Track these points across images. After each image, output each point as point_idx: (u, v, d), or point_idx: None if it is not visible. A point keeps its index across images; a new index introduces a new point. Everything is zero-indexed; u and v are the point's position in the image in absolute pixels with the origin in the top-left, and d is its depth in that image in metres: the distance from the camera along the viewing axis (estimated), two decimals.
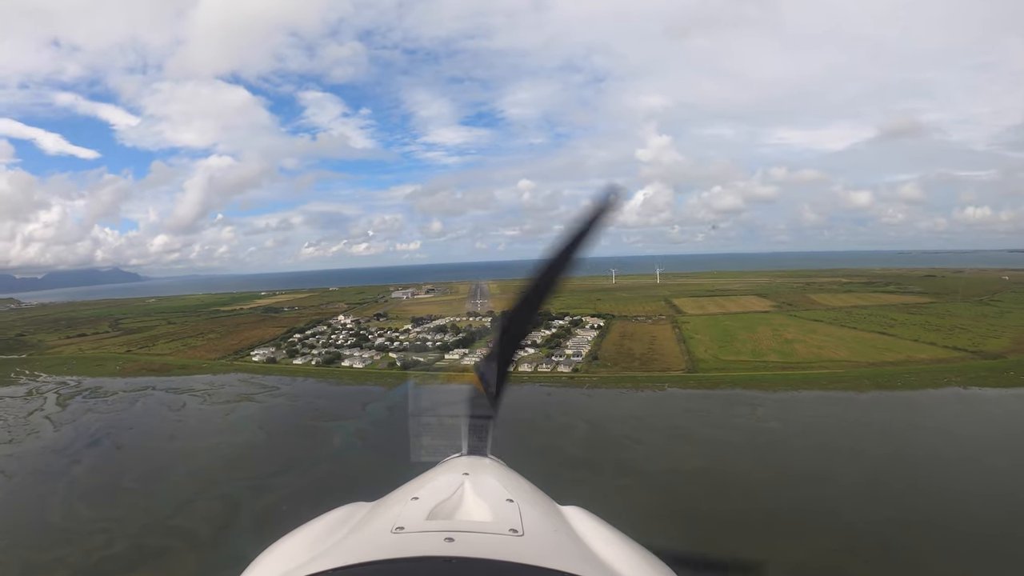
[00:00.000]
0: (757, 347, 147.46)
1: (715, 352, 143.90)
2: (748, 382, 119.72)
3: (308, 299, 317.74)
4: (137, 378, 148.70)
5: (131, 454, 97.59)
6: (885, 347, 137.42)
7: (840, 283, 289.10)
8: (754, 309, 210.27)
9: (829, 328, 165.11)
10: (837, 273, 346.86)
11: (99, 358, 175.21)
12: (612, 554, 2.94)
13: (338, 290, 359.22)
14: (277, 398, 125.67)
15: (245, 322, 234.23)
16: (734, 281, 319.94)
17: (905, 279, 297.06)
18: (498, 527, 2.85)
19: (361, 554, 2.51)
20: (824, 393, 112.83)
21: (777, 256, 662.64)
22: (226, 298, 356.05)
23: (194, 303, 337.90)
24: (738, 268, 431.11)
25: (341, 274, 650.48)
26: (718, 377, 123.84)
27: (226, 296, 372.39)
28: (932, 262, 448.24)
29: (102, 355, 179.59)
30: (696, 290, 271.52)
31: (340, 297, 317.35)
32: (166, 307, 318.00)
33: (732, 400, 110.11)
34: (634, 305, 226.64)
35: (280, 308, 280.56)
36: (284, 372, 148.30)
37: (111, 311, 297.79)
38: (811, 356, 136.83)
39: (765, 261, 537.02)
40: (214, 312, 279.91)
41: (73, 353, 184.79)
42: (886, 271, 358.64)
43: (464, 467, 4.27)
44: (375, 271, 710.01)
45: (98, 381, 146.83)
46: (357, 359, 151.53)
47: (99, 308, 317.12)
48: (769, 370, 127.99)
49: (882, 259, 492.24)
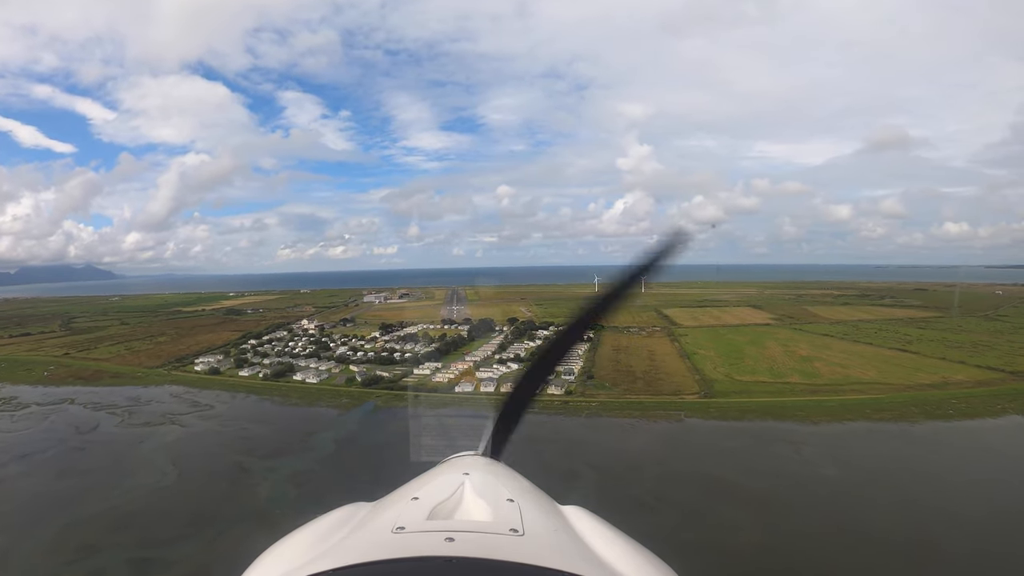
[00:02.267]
0: (773, 365, 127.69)
1: (727, 370, 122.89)
2: (779, 411, 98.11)
3: (276, 301, 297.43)
4: (61, 387, 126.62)
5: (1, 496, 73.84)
6: (913, 366, 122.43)
7: (832, 295, 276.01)
8: (753, 321, 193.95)
9: (843, 344, 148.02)
10: (824, 285, 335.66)
11: (30, 362, 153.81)
12: (613, 554, 2.85)
13: (309, 292, 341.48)
14: (207, 421, 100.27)
15: (202, 324, 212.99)
16: (721, 292, 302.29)
17: (897, 292, 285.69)
18: (498, 527, 2.81)
19: (361, 554, 2.50)
20: (871, 425, 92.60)
21: (757, 268, 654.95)
22: (192, 298, 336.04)
23: (158, 302, 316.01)
24: (721, 279, 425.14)
25: (317, 277, 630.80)
26: (742, 404, 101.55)
27: (192, 296, 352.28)
28: (912, 276, 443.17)
29: (35, 358, 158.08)
30: (685, 300, 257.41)
31: (310, 300, 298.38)
32: (128, 306, 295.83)
33: (767, 435, 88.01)
34: (623, 315, 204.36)
35: (244, 310, 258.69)
36: (225, 386, 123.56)
37: (70, 308, 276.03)
38: (837, 377, 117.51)
39: (745, 273, 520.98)
40: (175, 313, 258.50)
41: (6, 355, 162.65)
42: (873, 284, 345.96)
43: (464, 467, 3.98)
44: (351, 275, 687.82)
45: (16, 390, 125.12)
46: (312, 372, 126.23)
47: (60, 305, 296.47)
48: (796, 394, 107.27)
49: (862, 272, 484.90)
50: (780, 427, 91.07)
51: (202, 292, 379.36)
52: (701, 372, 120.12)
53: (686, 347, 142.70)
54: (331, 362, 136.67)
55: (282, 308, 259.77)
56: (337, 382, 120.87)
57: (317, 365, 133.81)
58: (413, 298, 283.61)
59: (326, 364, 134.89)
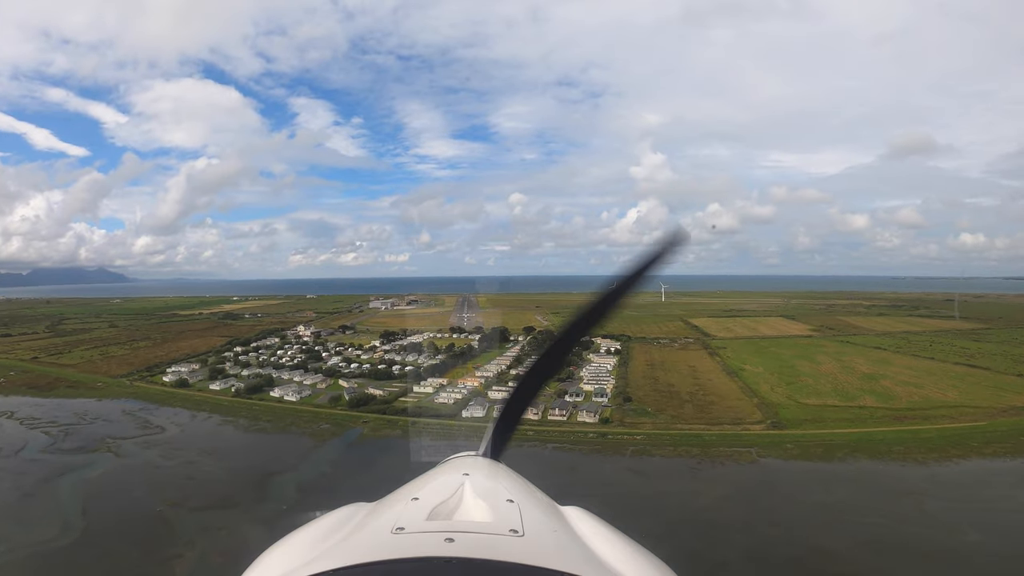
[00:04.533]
0: (838, 385, 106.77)
1: (787, 391, 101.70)
2: (869, 445, 76.80)
3: (278, 306, 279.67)
4: (8, 397, 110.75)
5: None
6: (992, 384, 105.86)
7: (863, 306, 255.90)
8: (791, 333, 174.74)
9: (902, 358, 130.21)
10: (848, 296, 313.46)
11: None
12: (612, 554, 2.79)
13: (315, 298, 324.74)
14: (150, 449, 78.16)
15: (192, 329, 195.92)
16: (745, 301, 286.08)
17: (927, 303, 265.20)
18: (498, 527, 2.76)
19: (361, 554, 2.46)
20: (988, 464, 72.67)
21: (771, 279, 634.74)
22: (194, 302, 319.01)
23: (159, 305, 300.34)
24: (736, 289, 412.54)
25: (327, 283, 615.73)
26: (822, 437, 79.46)
27: (195, 300, 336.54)
28: (930, 287, 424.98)
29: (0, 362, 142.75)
30: (710, 310, 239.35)
31: (315, 305, 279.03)
32: (127, 309, 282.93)
33: (872, 483, 65.48)
34: (648, 325, 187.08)
35: (241, 315, 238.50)
36: (189, 403, 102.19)
37: (67, 310, 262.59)
38: (916, 399, 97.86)
39: (760, 283, 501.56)
40: (170, 316, 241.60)
41: None
42: (901, 295, 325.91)
43: (464, 467, 3.89)
44: (362, 281, 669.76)
45: None
46: (293, 388, 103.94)
47: (59, 307, 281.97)
48: (878, 422, 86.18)
49: (877, 284, 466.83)
50: (882, 470, 69.02)
51: (206, 296, 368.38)
52: (758, 394, 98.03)
53: (729, 362, 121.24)
54: (318, 375, 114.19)
55: (282, 313, 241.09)
56: (320, 401, 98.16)
57: (301, 379, 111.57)
58: (421, 304, 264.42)
59: (312, 377, 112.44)
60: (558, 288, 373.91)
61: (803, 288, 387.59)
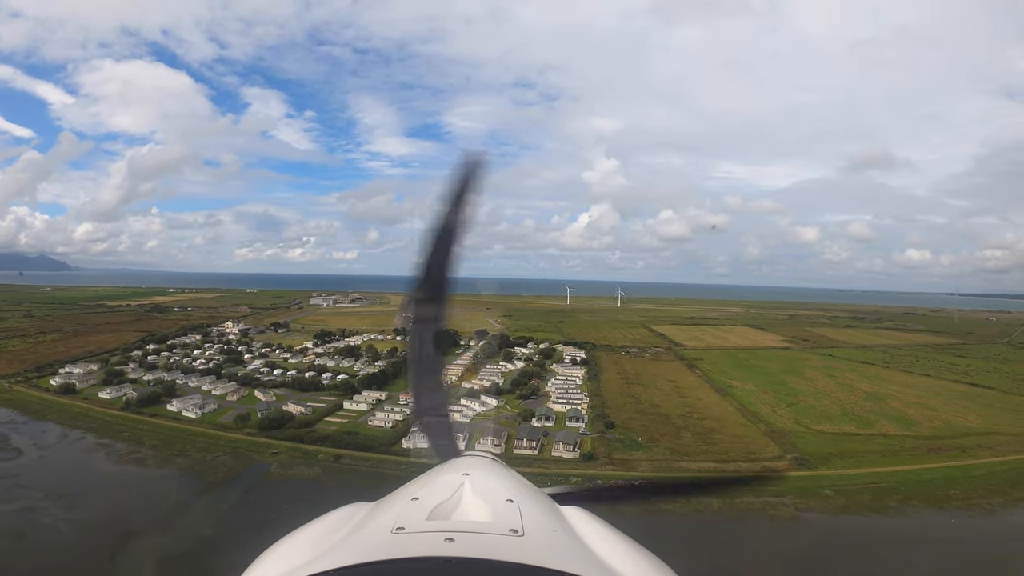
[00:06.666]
0: (844, 407, 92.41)
1: (790, 414, 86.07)
2: (919, 489, 61.67)
3: (214, 300, 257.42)
4: None
5: None
6: (1011, 407, 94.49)
7: (826, 317, 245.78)
8: (766, 344, 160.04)
9: (894, 375, 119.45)
10: (810, 307, 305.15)
11: None
12: (612, 554, 2.78)
13: (255, 292, 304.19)
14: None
15: (111, 322, 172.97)
16: (703, 309, 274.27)
17: (888, 316, 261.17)
18: (498, 527, 2.72)
19: (361, 554, 2.43)
20: None
21: (719, 288, 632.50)
22: (127, 292, 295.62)
23: (88, 295, 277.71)
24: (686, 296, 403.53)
25: (273, 278, 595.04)
26: (864, 480, 62.83)
27: (128, 290, 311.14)
28: (876, 300, 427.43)
29: None
30: (671, 316, 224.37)
31: (254, 300, 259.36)
32: (55, 297, 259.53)
33: (949, 541, 50.49)
34: (609, 331, 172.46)
35: (170, 307, 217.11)
36: (66, 415, 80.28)
37: None
38: (938, 425, 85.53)
39: (709, 292, 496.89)
40: (96, 307, 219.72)
41: None
42: (857, 307, 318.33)
43: (464, 467, 3.82)
44: (309, 278, 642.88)
45: None
46: (195, 401, 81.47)
47: None
48: (907, 452, 72.13)
49: (825, 296, 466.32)
50: (952, 524, 53.49)
51: (141, 287, 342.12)
52: (760, 417, 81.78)
53: (713, 377, 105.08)
54: (232, 383, 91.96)
55: (216, 307, 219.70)
56: (226, 419, 75.88)
57: (211, 387, 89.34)
58: (366, 303, 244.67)
59: (224, 386, 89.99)
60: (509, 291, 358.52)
61: (752, 298, 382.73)
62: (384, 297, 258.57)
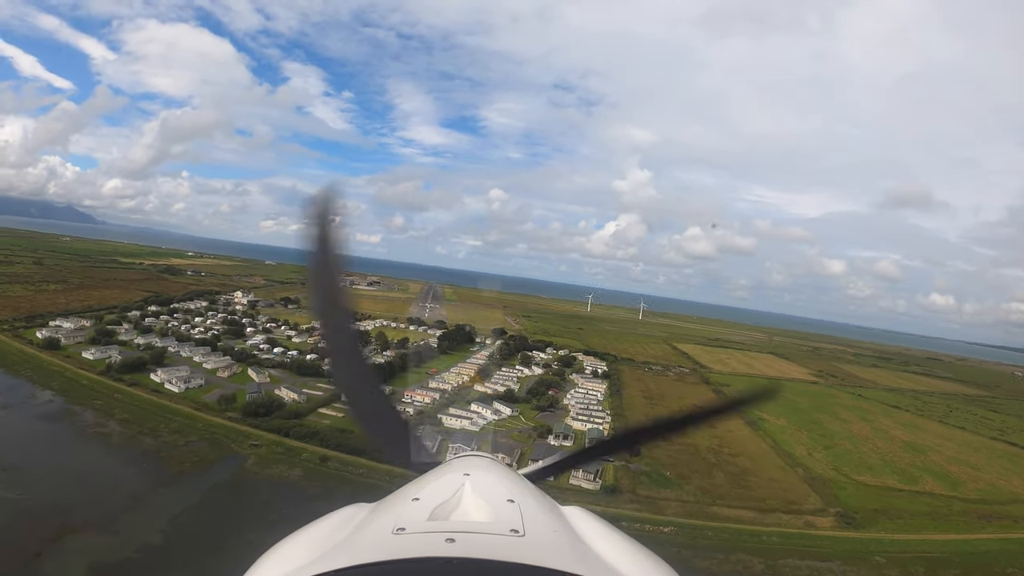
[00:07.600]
0: (883, 456, 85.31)
1: (828, 459, 79.26)
2: (976, 561, 55.26)
3: (231, 267, 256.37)
4: None
5: None
6: None
7: (850, 354, 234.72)
8: (792, 375, 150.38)
9: (929, 424, 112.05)
10: (832, 340, 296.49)
11: None
12: (613, 554, 2.73)
13: (273, 265, 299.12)
14: None
15: (120, 278, 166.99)
16: (726, 331, 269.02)
17: (914, 359, 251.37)
18: (499, 527, 2.68)
19: (362, 555, 2.39)
20: None
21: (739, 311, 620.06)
22: (145, 251, 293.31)
23: (105, 249, 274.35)
24: (704, 315, 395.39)
25: (295, 253, 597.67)
26: (914, 547, 55.53)
27: (146, 249, 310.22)
28: (896, 341, 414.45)
29: None
30: (694, 336, 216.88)
31: (270, 272, 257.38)
32: (70, 248, 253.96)
33: None
34: (630, 344, 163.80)
35: (184, 271, 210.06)
36: (42, 372, 74.09)
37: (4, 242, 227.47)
38: (983, 487, 78.45)
39: (728, 314, 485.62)
40: (109, 262, 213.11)
41: None
42: (881, 347, 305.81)
43: (465, 467, 3.69)
44: None
45: None
46: (182, 374, 74.85)
47: None
48: (962, 520, 64.68)
49: (845, 331, 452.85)
50: None
51: (161, 247, 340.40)
52: (797, 460, 74.68)
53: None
54: (226, 357, 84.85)
55: (229, 275, 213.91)
56: (210, 398, 68.95)
57: (204, 359, 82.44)
58: (383, 287, 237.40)
59: (216, 360, 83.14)
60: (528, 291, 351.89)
61: (772, 324, 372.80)
62: (403, 284, 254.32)
